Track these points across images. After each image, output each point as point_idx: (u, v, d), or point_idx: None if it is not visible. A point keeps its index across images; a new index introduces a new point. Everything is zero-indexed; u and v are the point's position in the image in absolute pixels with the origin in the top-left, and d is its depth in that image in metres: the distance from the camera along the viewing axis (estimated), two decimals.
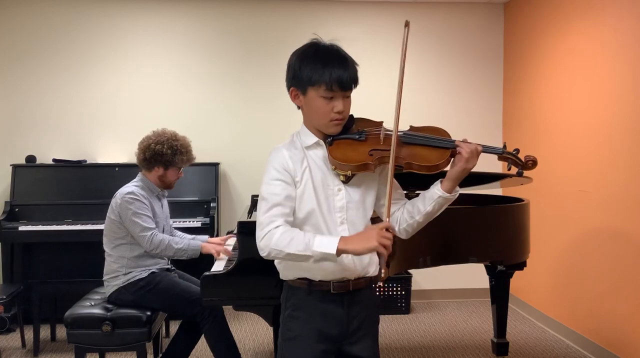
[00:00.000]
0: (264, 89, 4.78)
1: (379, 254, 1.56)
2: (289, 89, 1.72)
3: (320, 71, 1.62)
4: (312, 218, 1.68)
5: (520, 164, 1.74)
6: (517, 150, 1.75)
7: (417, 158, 1.67)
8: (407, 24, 1.68)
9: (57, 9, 4.61)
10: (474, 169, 1.69)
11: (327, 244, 1.55)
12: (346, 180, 1.70)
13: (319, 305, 1.71)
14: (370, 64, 4.67)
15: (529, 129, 4.52)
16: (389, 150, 1.63)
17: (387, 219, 1.60)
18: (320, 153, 1.71)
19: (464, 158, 1.63)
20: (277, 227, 1.59)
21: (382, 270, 1.54)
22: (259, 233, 1.61)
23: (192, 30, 4.75)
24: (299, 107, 1.75)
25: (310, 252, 1.55)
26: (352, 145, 1.69)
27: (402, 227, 1.76)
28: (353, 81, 1.66)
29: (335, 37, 1.72)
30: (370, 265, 1.75)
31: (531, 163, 1.73)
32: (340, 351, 1.75)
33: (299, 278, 1.73)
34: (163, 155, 2.98)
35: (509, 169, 1.77)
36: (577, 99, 3.84)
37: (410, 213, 1.73)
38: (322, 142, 1.71)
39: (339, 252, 1.54)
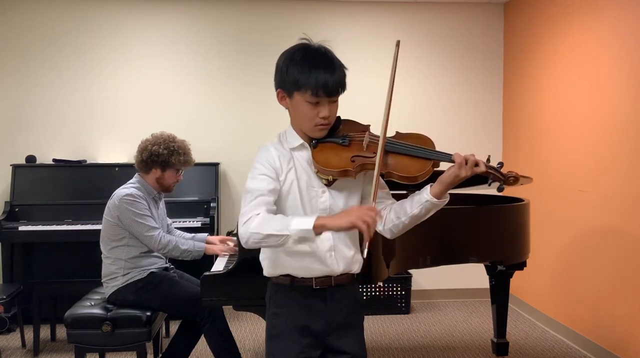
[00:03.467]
0: (264, 89, 4.75)
1: (360, 234, 1.52)
2: (276, 90, 1.73)
3: (307, 76, 1.61)
4: None
5: (502, 179, 1.69)
6: (501, 164, 1.70)
7: (398, 168, 1.66)
8: (397, 44, 1.69)
9: (57, 9, 4.61)
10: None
11: (305, 221, 1.53)
12: (329, 184, 1.71)
13: (301, 300, 1.73)
14: (370, 63, 4.67)
15: (529, 128, 4.52)
16: (371, 157, 1.64)
17: (374, 204, 1.59)
18: (305, 155, 1.72)
19: (457, 165, 1.62)
20: (258, 214, 1.59)
21: (365, 249, 1.52)
22: (240, 222, 1.61)
23: (192, 30, 4.75)
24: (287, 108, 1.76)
25: (288, 231, 1.53)
26: (335, 149, 1.69)
27: (388, 227, 1.75)
28: (339, 86, 1.65)
29: (326, 38, 1.72)
30: (353, 263, 1.76)
31: (512, 179, 1.69)
32: (326, 346, 1.76)
33: (282, 275, 1.74)
34: (159, 155, 2.98)
35: (489, 185, 1.73)
36: (577, 98, 3.84)
37: (397, 213, 1.72)
38: (307, 144, 1.72)
39: (317, 228, 1.52)
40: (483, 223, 2.95)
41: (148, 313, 2.87)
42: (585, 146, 3.72)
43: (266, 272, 1.80)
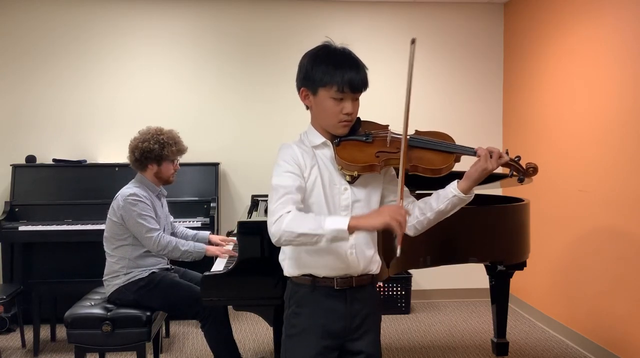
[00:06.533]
0: (264, 89, 4.78)
1: (393, 231, 1.54)
2: (299, 89, 1.75)
3: (333, 72, 1.66)
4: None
5: (522, 171, 1.77)
6: (519, 157, 1.77)
7: (423, 161, 1.70)
8: (413, 41, 1.70)
9: (57, 9, 4.60)
10: None
11: (339, 221, 1.55)
12: (352, 181, 1.73)
13: (322, 301, 1.73)
14: (370, 63, 4.65)
15: (529, 129, 4.52)
16: (395, 152, 1.67)
17: (401, 202, 1.61)
18: (327, 153, 1.74)
19: (482, 158, 1.66)
20: (289, 212, 1.59)
21: (398, 247, 1.54)
22: (270, 220, 1.61)
23: (192, 30, 4.74)
24: (307, 108, 1.78)
25: (322, 231, 1.54)
26: (358, 146, 1.72)
27: (412, 223, 1.77)
28: (364, 84, 1.71)
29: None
30: (372, 262, 1.78)
31: (532, 170, 1.77)
32: (343, 347, 1.77)
33: (303, 275, 1.75)
34: (152, 151, 3.01)
35: (511, 176, 1.80)
36: (577, 98, 3.84)
37: (422, 209, 1.75)
38: (329, 142, 1.74)
39: (351, 228, 1.54)
40: (483, 223, 2.95)
41: (148, 313, 2.87)
42: (585, 146, 3.72)
43: (287, 272, 1.80)
